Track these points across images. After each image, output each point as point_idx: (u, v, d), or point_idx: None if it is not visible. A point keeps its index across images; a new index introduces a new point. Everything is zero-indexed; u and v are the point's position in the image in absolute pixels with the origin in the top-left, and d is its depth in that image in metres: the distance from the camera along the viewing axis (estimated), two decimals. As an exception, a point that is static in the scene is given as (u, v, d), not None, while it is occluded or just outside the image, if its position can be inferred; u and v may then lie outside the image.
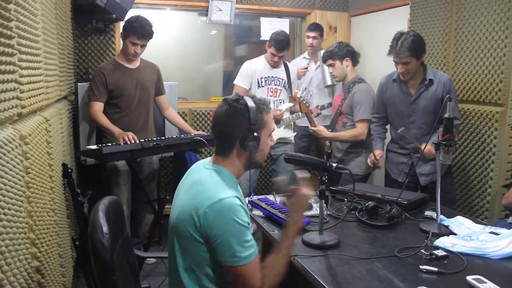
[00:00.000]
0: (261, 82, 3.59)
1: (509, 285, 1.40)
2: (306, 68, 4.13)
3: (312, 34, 4.13)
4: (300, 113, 3.56)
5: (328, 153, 3.19)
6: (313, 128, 3.09)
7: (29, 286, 1.42)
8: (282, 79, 3.64)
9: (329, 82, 3.83)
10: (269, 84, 3.62)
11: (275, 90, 3.63)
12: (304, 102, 3.01)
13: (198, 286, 1.50)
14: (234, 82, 3.64)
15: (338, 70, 3.18)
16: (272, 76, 3.61)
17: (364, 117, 3.05)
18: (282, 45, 3.46)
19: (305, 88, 3.19)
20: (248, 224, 1.45)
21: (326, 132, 3.12)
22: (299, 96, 3.00)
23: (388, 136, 3.07)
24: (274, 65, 3.60)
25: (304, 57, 4.27)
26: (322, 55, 3.75)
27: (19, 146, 1.49)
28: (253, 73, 3.58)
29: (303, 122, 3.95)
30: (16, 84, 1.51)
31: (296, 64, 4.21)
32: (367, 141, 3.13)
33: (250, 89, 3.60)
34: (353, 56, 3.20)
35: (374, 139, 3.01)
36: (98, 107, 3.07)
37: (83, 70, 3.78)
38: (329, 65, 3.21)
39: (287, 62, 3.76)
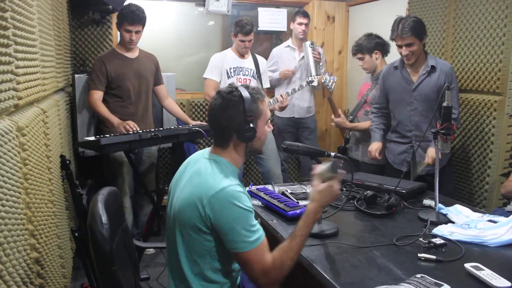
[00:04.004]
0: (230, 72, 3.59)
1: (506, 272, 1.41)
2: (290, 71, 3.93)
3: (305, 21, 3.94)
4: (270, 100, 3.53)
5: (347, 139, 3.30)
6: (336, 119, 3.19)
7: (28, 277, 1.43)
8: (251, 69, 3.64)
9: (314, 74, 3.61)
10: (238, 74, 3.61)
11: (244, 80, 3.62)
12: (328, 87, 3.02)
13: (201, 277, 1.50)
14: (204, 76, 3.63)
15: (367, 63, 3.22)
16: (240, 66, 3.62)
17: None
18: (248, 28, 3.47)
19: (330, 74, 3.16)
20: (252, 209, 1.45)
21: (347, 123, 3.24)
22: (323, 81, 3.01)
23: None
24: (245, 53, 3.60)
25: (289, 45, 4.05)
26: (307, 45, 3.73)
27: (16, 138, 1.48)
28: (222, 64, 3.58)
29: (283, 113, 3.85)
30: (12, 75, 1.50)
31: (279, 52, 4.06)
32: None
33: (220, 81, 3.59)
34: (383, 47, 3.21)
35: (373, 130, 3.00)
36: (97, 95, 3.08)
37: (80, 61, 3.76)
38: (359, 59, 3.25)
39: (256, 54, 3.75)
